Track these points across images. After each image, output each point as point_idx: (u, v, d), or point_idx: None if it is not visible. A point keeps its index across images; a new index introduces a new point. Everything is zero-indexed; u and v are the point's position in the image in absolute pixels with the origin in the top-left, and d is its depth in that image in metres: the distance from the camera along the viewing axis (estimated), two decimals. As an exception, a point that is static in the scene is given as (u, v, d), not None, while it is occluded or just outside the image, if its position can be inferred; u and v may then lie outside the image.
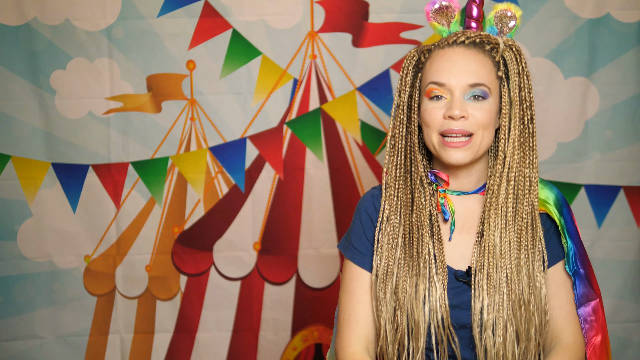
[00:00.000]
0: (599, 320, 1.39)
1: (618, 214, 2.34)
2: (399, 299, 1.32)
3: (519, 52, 1.34)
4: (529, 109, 1.33)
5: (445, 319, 1.30)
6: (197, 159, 2.34)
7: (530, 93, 1.33)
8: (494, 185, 1.33)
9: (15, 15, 2.25)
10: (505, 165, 1.32)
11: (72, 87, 2.29)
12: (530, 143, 1.33)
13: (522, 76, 1.32)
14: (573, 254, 1.37)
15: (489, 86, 1.31)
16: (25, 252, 2.34)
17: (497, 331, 1.29)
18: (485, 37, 1.33)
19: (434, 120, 1.31)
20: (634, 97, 2.31)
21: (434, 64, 1.33)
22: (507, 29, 1.37)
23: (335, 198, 2.36)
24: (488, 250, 1.31)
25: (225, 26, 2.29)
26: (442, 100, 1.31)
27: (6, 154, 2.31)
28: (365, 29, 2.31)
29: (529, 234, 1.33)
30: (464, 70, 1.30)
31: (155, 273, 2.38)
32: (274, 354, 2.41)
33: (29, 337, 2.36)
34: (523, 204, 1.32)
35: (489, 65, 1.32)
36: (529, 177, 1.33)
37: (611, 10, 2.27)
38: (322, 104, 2.34)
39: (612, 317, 2.35)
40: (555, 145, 2.32)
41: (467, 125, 1.30)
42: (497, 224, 1.32)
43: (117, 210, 2.35)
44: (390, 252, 1.35)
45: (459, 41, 1.33)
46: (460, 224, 1.38)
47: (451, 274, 1.34)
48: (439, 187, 1.36)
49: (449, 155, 1.31)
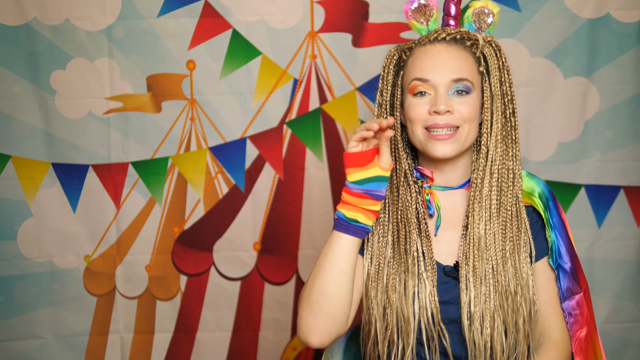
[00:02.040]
0: (584, 314, 1.39)
1: (618, 214, 2.34)
2: (389, 297, 1.33)
3: (498, 47, 1.35)
4: (510, 102, 1.34)
5: (435, 315, 1.31)
6: (197, 159, 2.34)
7: (511, 87, 1.35)
8: (478, 179, 1.34)
9: (15, 15, 2.25)
10: (488, 159, 1.34)
11: (72, 87, 2.29)
12: (512, 136, 1.35)
13: (503, 71, 1.34)
14: (556, 248, 1.38)
15: (471, 81, 1.33)
16: (25, 252, 2.34)
17: (485, 323, 1.30)
18: (465, 33, 1.36)
19: (418, 115, 1.32)
20: (634, 97, 2.31)
21: (417, 61, 1.34)
22: (485, 25, 1.38)
23: (335, 198, 2.36)
24: (473, 243, 1.33)
25: (225, 26, 2.30)
26: (426, 96, 1.32)
27: (6, 154, 2.31)
28: (365, 29, 2.31)
29: (514, 225, 1.34)
30: (447, 66, 1.32)
31: (155, 273, 2.38)
32: (274, 354, 2.41)
33: (29, 337, 2.36)
34: (507, 196, 1.34)
35: (471, 61, 1.34)
36: (512, 170, 1.35)
37: (611, 10, 2.27)
38: (322, 104, 2.34)
39: (612, 317, 2.35)
40: (555, 145, 2.32)
41: (452, 119, 1.31)
42: (481, 217, 1.33)
43: (117, 210, 2.35)
44: (381, 251, 1.36)
45: (440, 38, 1.34)
46: (447, 219, 1.39)
47: (440, 269, 1.35)
48: (424, 184, 1.38)
49: (435, 148, 1.32)
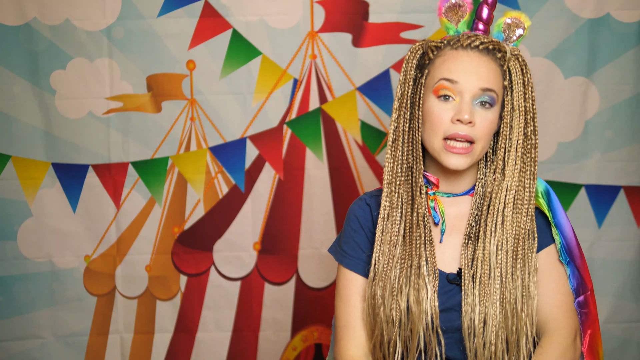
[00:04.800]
0: (591, 313, 1.39)
1: (618, 214, 2.34)
2: (394, 298, 1.32)
3: (524, 63, 1.34)
4: (532, 120, 1.32)
5: (434, 320, 1.30)
6: (197, 159, 2.34)
7: (534, 105, 1.32)
8: (492, 194, 1.33)
9: (15, 15, 2.25)
10: (505, 175, 1.32)
11: (72, 87, 2.29)
12: (532, 154, 1.33)
13: (527, 87, 1.32)
14: (561, 246, 1.37)
15: (497, 93, 1.31)
16: (25, 252, 2.34)
17: (487, 337, 1.29)
18: (497, 44, 1.33)
19: (440, 123, 1.31)
20: (634, 97, 2.31)
21: (447, 62, 1.32)
22: (514, 36, 1.37)
23: (335, 198, 2.36)
24: (483, 258, 1.31)
25: (225, 26, 2.29)
26: (450, 102, 1.31)
27: (6, 154, 2.31)
28: (365, 29, 2.30)
29: (526, 244, 1.32)
30: (477, 73, 1.30)
31: (155, 273, 2.38)
32: (274, 354, 2.41)
33: (29, 337, 2.36)
34: (521, 213, 1.32)
35: (498, 73, 1.32)
36: (529, 189, 1.33)
37: (611, 10, 2.27)
38: (322, 104, 2.34)
39: (612, 317, 2.35)
40: (555, 145, 2.32)
41: (472, 132, 1.30)
42: (493, 232, 1.31)
43: (117, 210, 2.35)
44: (391, 250, 1.34)
45: (473, 45, 1.32)
46: (450, 226, 1.38)
47: (443, 277, 1.34)
48: (429, 190, 1.37)
49: (449, 159, 1.31)
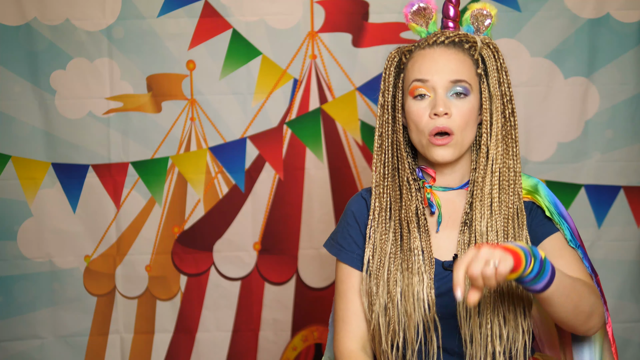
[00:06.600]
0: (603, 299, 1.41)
1: (618, 214, 2.34)
2: (390, 292, 1.35)
3: (496, 49, 1.38)
4: (509, 102, 1.36)
5: (431, 307, 1.33)
6: (197, 159, 2.34)
7: (510, 88, 1.36)
8: (479, 178, 1.36)
9: (15, 15, 2.25)
10: (489, 158, 1.36)
11: (72, 87, 2.29)
12: (512, 135, 1.37)
13: (501, 72, 1.36)
14: (570, 233, 1.38)
15: (470, 82, 1.35)
16: (25, 252, 2.34)
17: (483, 318, 1.31)
18: (463, 36, 1.38)
19: (420, 120, 1.35)
20: (634, 97, 2.31)
21: (416, 63, 1.37)
22: (483, 27, 1.41)
23: (335, 198, 2.36)
24: (475, 240, 1.34)
25: (225, 26, 2.30)
26: (426, 99, 1.35)
27: (6, 154, 2.31)
28: (365, 29, 2.31)
29: (515, 223, 1.36)
30: (446, 68, 1.34)
31: (155, 273, 2.38)
32: (274, 354, 2.41)
33: (29, 337, 2.36)
34: (508, 194, 1.36)
35: (469, 63, 1.36)
36: (513, 168, 1.37)
37: (611, 10, 2.27)
38: (322, 104, 2.34)
39: (612, 317, 2.35)
40: (555, 145, 2.32)
41: (449, 123, 1.33)
42: (483, 214, 1.35)
43: (117, 210, 2.35)
44: (383, 248, 1.38)
45: (439, 41, 1.37)
46: (446, 219, 1.40)
47: (439, 265, 1.37)
48: (425, 183, 1.40)
49: (434, 153, 1.34)
